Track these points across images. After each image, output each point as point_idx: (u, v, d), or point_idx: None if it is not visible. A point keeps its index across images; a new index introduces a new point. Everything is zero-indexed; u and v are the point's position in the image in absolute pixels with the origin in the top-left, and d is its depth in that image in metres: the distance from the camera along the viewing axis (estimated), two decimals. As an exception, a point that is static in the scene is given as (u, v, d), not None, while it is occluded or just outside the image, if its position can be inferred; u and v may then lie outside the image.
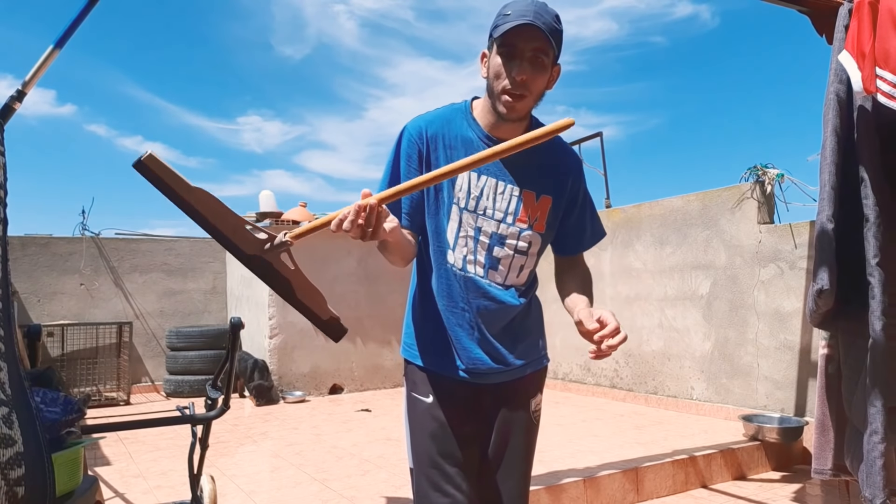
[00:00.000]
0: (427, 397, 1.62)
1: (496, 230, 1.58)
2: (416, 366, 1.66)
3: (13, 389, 1.21)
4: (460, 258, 1.58)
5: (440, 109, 1.64)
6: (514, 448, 1.66)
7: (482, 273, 1.58)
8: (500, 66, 1.49)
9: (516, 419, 1.66)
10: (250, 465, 3.78)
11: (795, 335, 4.21)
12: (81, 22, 1.72)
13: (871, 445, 2.21)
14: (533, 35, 1.45)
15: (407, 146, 1.58)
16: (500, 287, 1.60)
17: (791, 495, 3.41)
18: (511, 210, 1.58)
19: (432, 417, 1.60)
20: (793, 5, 3.00)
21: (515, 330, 1.64)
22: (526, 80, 1.48)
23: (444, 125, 1.59)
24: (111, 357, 6.31)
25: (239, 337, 2.06)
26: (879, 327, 2.19)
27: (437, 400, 1.61)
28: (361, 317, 6.34)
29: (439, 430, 1.59)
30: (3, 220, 1.29)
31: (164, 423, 2.07)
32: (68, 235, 6.77)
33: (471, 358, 1.59)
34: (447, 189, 1.58)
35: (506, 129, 1.57)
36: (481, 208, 1.57)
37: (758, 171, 4.52)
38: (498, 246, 1.58)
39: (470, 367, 1.60)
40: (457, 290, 1.58)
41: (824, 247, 2.33)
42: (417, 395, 1.64)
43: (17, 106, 1.54)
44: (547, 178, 1.63)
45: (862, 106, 2.33)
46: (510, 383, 1.65)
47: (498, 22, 1.50)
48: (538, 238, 1.62)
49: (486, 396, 1.64)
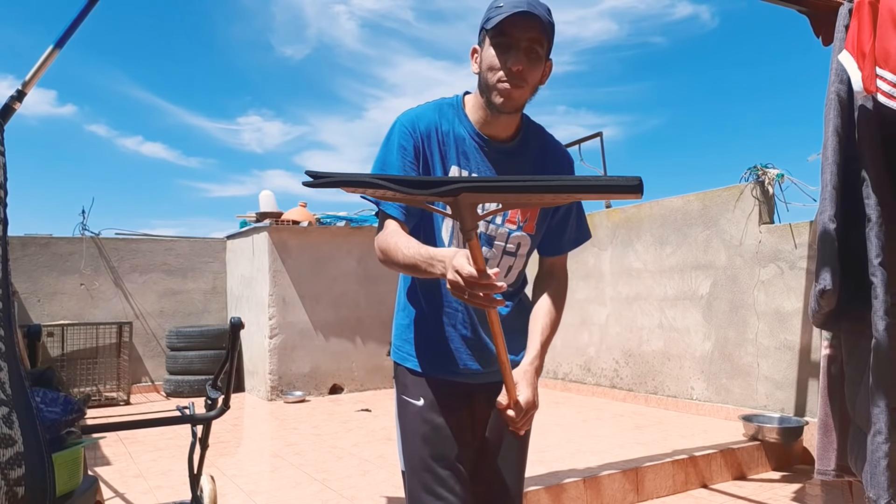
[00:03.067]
0: (418, 400, 1.59)
1: (485, 231, 1.56)
2: (407, 368, 1.63)
3: (13, 389, 1.20)
4: None
5: (431, 103, 1.60)
6: (507, 447, 1.65)
7: None
8: (493, 57, 1.46)
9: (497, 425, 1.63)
10: (250, 465, 3.78)
11: (795, 335, 4.21)
12: (81, 22, 1.72)
13: (874, 446, 2.21)
14: (529, 25, 1.43)
15: (400, 137, 1.53)
16: None
17: (791, 495, 3.40)
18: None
19: (423, 420, 1.57)
20: (792, 5, 2.99)
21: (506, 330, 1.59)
22: (522, 70, 1.44)
23: (436, 120, 1.56)
24: (111, 357, 6.30)
25: (239, 337, 2.06)
26: (882, 327, 2.19)
27: (429, 402, 1.58)
28: (361, 317, 6.33)
29: (431, 432, 1.56)
30: (4, 220, 1.29)
31: (164, 423, 2.07)
32: (68, 235, 6.77)
33: (463, 358, 1.58)
34: None
35: (497, 125, 1.54)
36: None
37: (758, 171, 4.51)
38: (486, 246, 1.56)
39: (462, 368, 1.59)
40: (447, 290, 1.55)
41: (826, 247, 2.33)
42: (408, 398, 1.61)
43: (17, 106, 1.54)
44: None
45: (863, 106, 2.33)
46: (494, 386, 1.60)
47: (490, 14, 1.47)
48: (528, 239, 1.60)
49: (479, 396, 1.62)
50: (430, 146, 1.54)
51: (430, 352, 1.60)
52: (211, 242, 7.35)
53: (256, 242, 6.29)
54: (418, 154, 1.52)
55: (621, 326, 5.51)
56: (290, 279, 6.07)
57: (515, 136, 1.60)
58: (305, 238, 6.20)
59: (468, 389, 1.61)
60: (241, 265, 6.83)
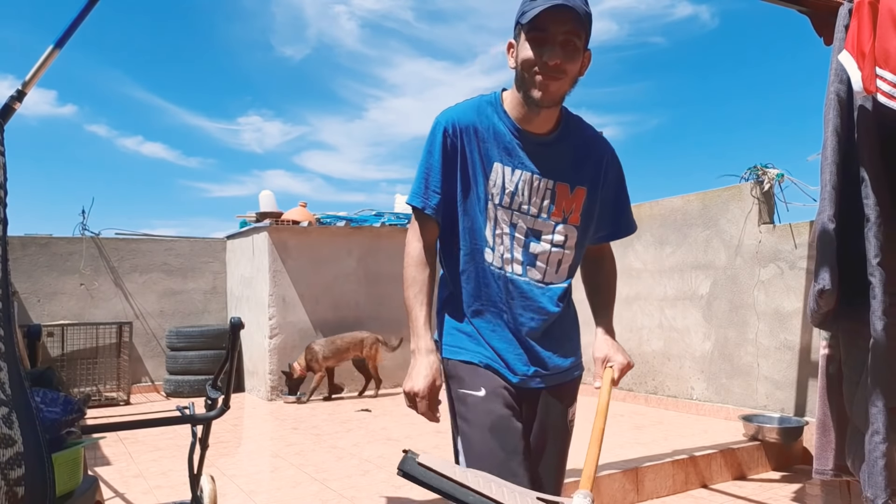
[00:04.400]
0: (478, 391, 1.51)
1: (531, 226, 1.54)
2: (461, 361, 1.56)
3: (13, 389, 1.20)
4: (498, 257, 1.53)
5: (471, 101, 1.59)
6: (549, 456, 1.61)
7: (521, 271, 1.54)
8: (529, 52, 1.43)
9: (553, 426, 1.61)
10: (250, 465, 3.78)
11: (795, 335, 4.21)
12: (81, 22, 1.72)
13: (872, 445, 2.21)
14: (565, 17, 1.40)
15: (441, 139, 1.53)
16: (541, 285, 1.55)
17: (791, 495, 3.40)
18: (545, 205, 1.54)
19: (488, 410, 1.49)
20: (793, 5, 2.99)
21: (554, 333, 1.59)
22: (560, 64, 1.42)
23: (476, 117, 1.54)
24: (111, 357, 6.30)
25: (239, 337, 2.06)
26: (881, 327, 2.19)
27: (491, 392, 1.50)
28: (361, 317, 6.33)
29: (498, 421, 1.48)
30: (3, 220, 1.29)
31: (164, 423, 2.06)
32: (68, 235, 6.77)
33: (511, 361, 1.54)
34: (481, 185, 1.53)
35: (538, 119, 1.53)
36: (516, 204, 1.53)
37: (758, 171, 4.52)
38: (534, 242, 1.54)
39: (511, 371, 1.54)
40: (495, 290, 1.54)
41: (825, 247, 2.33)
42: (467, 391, 1.52)
43: (17, 106, 1.54)
44: (580, 170, 1.58)
45: (862, 106, 2.33)
46: (549, 390, 1.59)
47: (525, 8, 1.43)
48: (573, 231, 1.58)
49: (525, 402, 1.57)
50: (471, 145, 1.53)
51: (481, 351, 1.55)
52: (211, 242, 7.35)
53: (256, 242, 6.29)
54: (457, 152, 1.53)
55: (621, 326, 5.50)
56: (290, 279, 6.07)
57: (555, 129, 1.57)
58: (305, 238, 6.20)
59: (516, 393, 1.55)
60: (241, 265, 6.83)
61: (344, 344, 5.82)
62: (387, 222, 6.60)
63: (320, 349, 5.73)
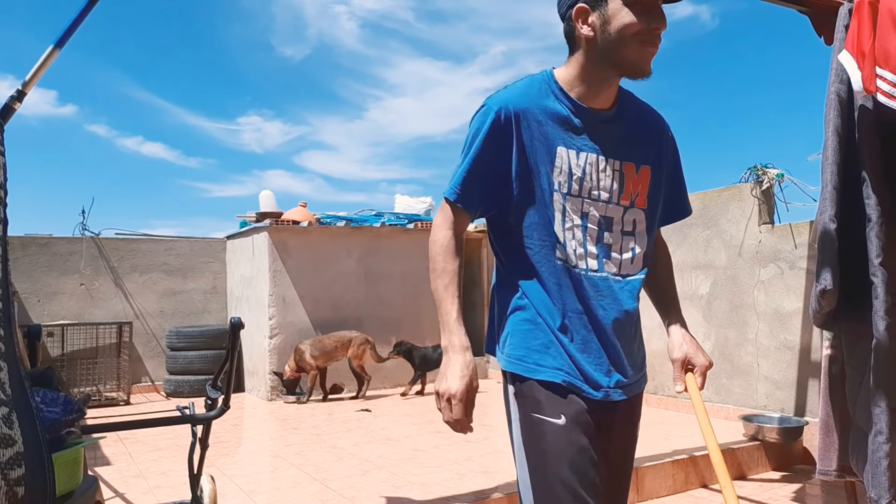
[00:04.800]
0: (558, 418, 1.35)
1: (603, 213, 1.41)
2: (538, 381, 1.38)
3: (13, 389, 1.20)
4: (571, 253, 1.39)
5: (521, 81, 1.45)
6: (622, 475, 1.51)
7: (596, 266, 1.41)
8: (633, 17, 1.31)
9: (625, 445, 1.51)
10: (250, 465, 3.78)
11: (795, 335, 4.21)
12: (81, 22, 1.72)
13: (875, 446, 2.21)
14: None
15: (493, 123, 1.37)
16: (618, 279, 1.43)
17: (791, 495, 3.40)
18: (615, 188, 1.42)
19: (569, 441, 1.34)
20: (793, 5, 2.99)
21: (630, 333, 1.47)
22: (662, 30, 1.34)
23: (530, 99, 1.40)
24: (111, 357, 6.30)
25: (239, 337, 2.06)
26: (883, 327, 2.19)
27: (571, 420, 1.36)
28: (361, 317, 6.33)
29: (578, 455, 1.33)
30: (3, 220, 1.29)
31: (164, 423, 2.07)
32: (68, 235, 6.77)
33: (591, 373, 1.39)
34: (545, 174, 1.38)
35: (604, 95, 1.42)
36: (585, 190, 1.39)
37: (758, 171, 4.51)
38: (607, 231, 1.42)
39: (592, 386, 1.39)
40: (570, 291, 1.39)
41: (827, 247, 2.33)
42: (545, 417, 1.36)
43: (17, 106, 1.54)
44: (642, 146, 1.48)
45: (863, 105, 2.33)
46: (625, 402, 1.45)
47: None
48: (641, 214, 1.46)
49: (602, 416, 1.41)
50: (529, 130, 1.38)
51: (556, 362, 1.39)
52: (211, 242, 7.35)
53: (256, 242, 6.29)
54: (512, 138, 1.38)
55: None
56: (290, 279, 6.07)
57: (614, 105, 1.47)
58: (305, 238, 6.20)
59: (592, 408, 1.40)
60: (241, 265, 6.83)
61: (331, 343, 5.80)
62: (387, 222, 6.60)
63: (307, 349, 5.72)
